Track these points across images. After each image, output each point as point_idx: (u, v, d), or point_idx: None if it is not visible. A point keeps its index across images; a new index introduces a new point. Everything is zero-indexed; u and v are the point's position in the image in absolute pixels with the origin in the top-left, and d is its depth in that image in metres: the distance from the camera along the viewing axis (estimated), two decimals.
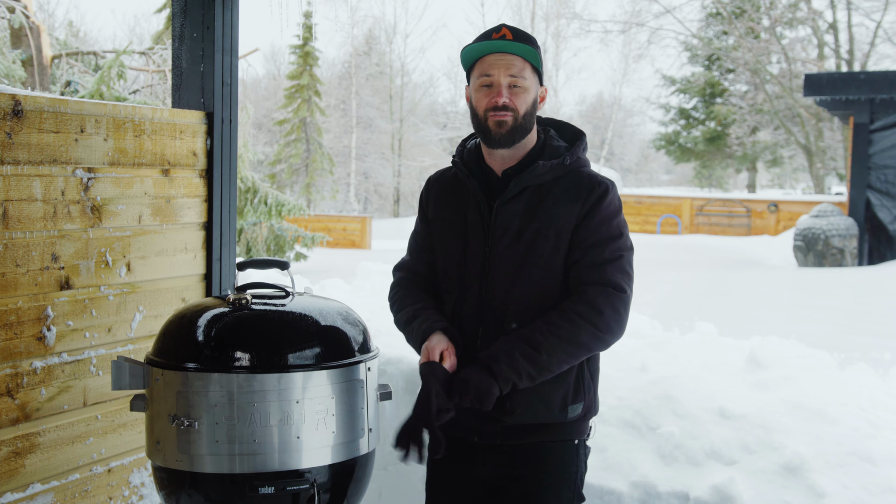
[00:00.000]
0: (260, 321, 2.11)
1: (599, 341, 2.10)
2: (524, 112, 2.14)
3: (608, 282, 2.11)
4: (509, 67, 2.11)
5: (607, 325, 2.08)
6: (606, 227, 2.14)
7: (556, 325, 2.07)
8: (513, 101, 2.12)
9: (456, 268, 2.23)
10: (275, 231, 15.45)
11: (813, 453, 3.09)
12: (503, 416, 2.15)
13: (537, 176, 2.16)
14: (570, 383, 2.16)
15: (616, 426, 3.37)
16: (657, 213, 26.28)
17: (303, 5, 25.60)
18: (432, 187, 2.36)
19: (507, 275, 2.16)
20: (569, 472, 2.21)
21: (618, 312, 2.10)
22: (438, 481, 2.34)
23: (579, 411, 2.19)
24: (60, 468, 2.74)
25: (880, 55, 28.82)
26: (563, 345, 2.06)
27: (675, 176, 51.27)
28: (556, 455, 2.20)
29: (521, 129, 2.15)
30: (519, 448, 2.20)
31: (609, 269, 2.11)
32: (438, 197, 2.32)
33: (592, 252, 2.12)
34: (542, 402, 2.14)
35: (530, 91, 2.15)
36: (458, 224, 2.24)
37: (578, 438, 2.23)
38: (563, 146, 2.24)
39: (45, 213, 2.63)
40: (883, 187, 15.31)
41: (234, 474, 2.01)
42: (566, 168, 2.19)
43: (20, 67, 12.18)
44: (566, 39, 38.65)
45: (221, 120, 3.24)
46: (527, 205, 2.17)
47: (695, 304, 10.05)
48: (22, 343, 2.59)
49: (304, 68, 28.98)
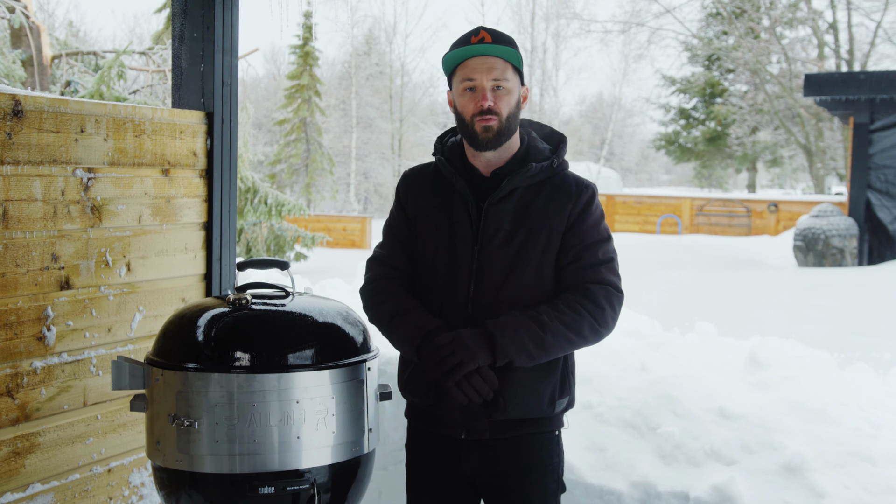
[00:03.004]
0: (260, 321, 2.11)
1: (596, 336, 2.14)
2: (508, 114, 2.15)
3: (608, 281, 2.17)
4: (491, 70, 2.13)
5: (605, 322, 2.14)
6: (597, 231, 2.20)
7: (561, 311, 2.09)
8: (497, 105, 2.14)
9: (443, 267, 2.21)
10: (275, 231, 15.45)
11: (813, 453, 3.09)
12: (494, 412, 2.15)
13: (529, 177, 2.18)
14: (557, 378, 2.19)
15: (616, 426, 3.37)
16: (657, 213, 26.28)
17: (303, 5, 25.62)
18: (411, 183, 2.32)
19: (498, 275, 2.16)
20: (552, 462, 2.25)
21: (615, 311, 2.16)
22: (420, 480, 2.33)
23: (564, 405, 2.24)
24: (60, 468, 2.74)
25: (880, 55, 28.85)
26: (567, 331, 2.09)
27: (675, 176, 51.29)
28: (540, 447, 2.23)
29: (507, 131, 2.17)
30: (504, 442, 2.20)
31: (605, 271, 2.17)
32: (419, 194, 2.29)
33: (587, 254, 2.17)
34: (533, 397, 2.16)
35: (513, 92, 2.16)
36: (443, 223, 2.23)
37: (558, 429, 2.28)
38: (546, 148, 2.27)
39: (45, 213, 2.63)
40: (883, 187, 15.31)
41: (234, 474, 2.01)
42: (553, 170, 2.22)
43: (20, 67, 12.18)
44: (566, 39, 38.66)
45: (221, 120, 3.24)
46: (517, 205, 2.18)
47: (695, 304, 10.05)
48: (22, 343, 2.59)
49: (304, 68, 28.97)
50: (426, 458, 2.31)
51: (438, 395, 2.21)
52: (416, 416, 2.34)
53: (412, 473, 2.36)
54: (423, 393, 2.24)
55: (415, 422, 2.35)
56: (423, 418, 2.31)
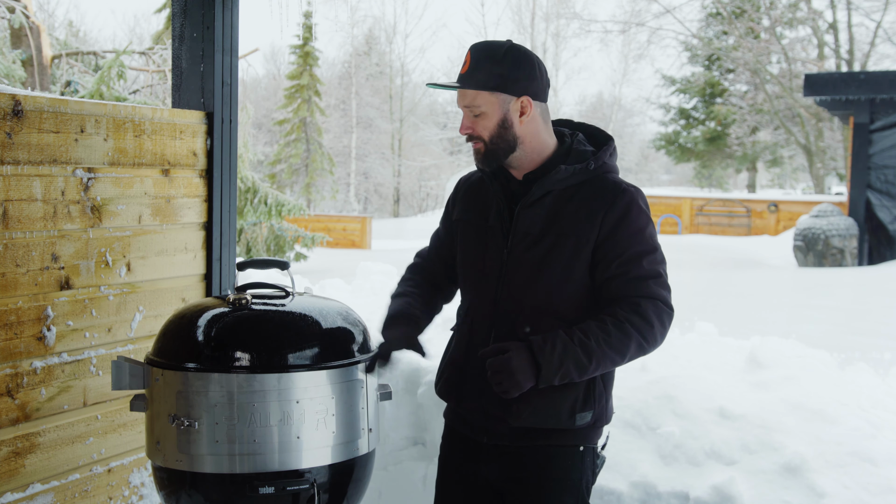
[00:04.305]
0: (260, 321, 2.11)
1: (641, 352, 2.11)
2: (490, 136, 2.16)
3: (658, 296, 2.11)
4: (463, 98, 2.18)
5: (654, 339, 2.10)
6: (640, 239, 2.13)
7: (609, 333, 2.06)
8: (476, 129, 2.17)
9: (474, 269, 2.25)
10: (275, 231, 15.44)
11: (813, 453, 3.09)
12: (508, 418, 2.15)
13: (559, 180, 2.15)
14: (580, 391, 2.15)
15: (616, 426, 3.37)
16: (657, 213, 26.26)
17: (303, 5, 25.59)
18: (461, 189, 2.39)
19: (524, 278, 2.16)
20: (572, 478, 2.20)
21: (664, 328, 2.12)
22: (447, 479, 2.35)
23: (588, 419, 2.17)
24: (60, 468, 2.74)
25: (880, 55, 28.83)
26: (612, 354, 2.06)
27: (675, 176, 51.26)
28: (561, 460, 2.19)
29: (496, 152, 2.17)
30: (526, 450, 2.19)
31: (654, 284, 2.11)
32: (466, 198, 2.35)
33: (633, 267, 2.11)
34: (550, 407, 2.13)
35: (490, 115, 2.15)
36: (479, 227, 2.26)
37: (585, 445, 2.21)
38: (589, 150, 2.23)
39: (45, 213, 2.63)
40: (883, 187, 15.31)
41: (234, 474, 2.01)
42: (590, 173, 2.17)
43: (20, 67, 12.18)
44: (566, 39, 38.70)
45: (221, 120, 3.24)
46: (549, 209, 2.16)
47: (695, 304, 10.04)
48: (22, 343, 2.59)
49: (304, 68, 28.97)
50: (454, 458, 2.34)
51: (461, 397, 2.25)
52: (449, 415, 2.39)
53: (441, 470, 2.39)
54: (449, 393, 2.30)
55: (448, 420, 2.40)
56: (454, 417, 2.36)
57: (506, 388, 2.03)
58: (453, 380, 2.28)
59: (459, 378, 2.25)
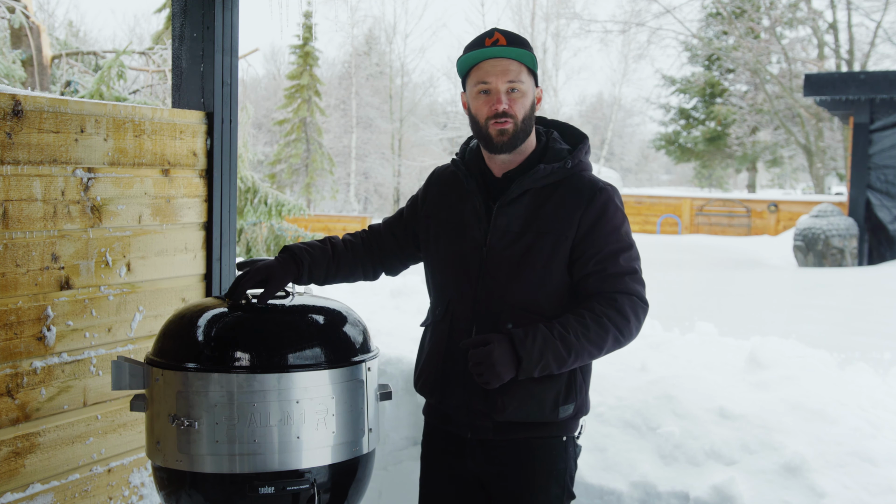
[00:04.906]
0: (260, 321, 2.11)
1: (617, 345, 2.14)
2: (523, 117, 2.15)
3: (633, 291, 2.15)
4: (506, 73, 2.12)
5: (629, 332, 2.14)
6: (616, 237, 2.16)
7: (587, 327, 2.09)
8: (512, 108, 2.13)
9: (452, 266, 2.24)
10: (275, 231, 15.43)
11: (813, 453, 3.09)
12: (493, 413, 2.17)
13: (538, 179, 2.17)
14: (562, 384, 2.18)
15: (616, 426, 3.37)
16: (657, 213, 26.27)
17: (303, 5, 25.60)
18: (433, 184, 2.37)
19: (504, 276, 2.17)
20: (557, 469, 2.24)
21: (640, 322, 2.16)
22: (431, 475, 2.36)
23: (570, 411, 2.21)
24: (60, 468, 2.74)
25: (880, 55, 28.82)
26: (590, 347, 2.09)
27: (675, 176, 51.26)
28: (545, 452, 2.22)
29: (522, 133, 2.16)
30: (511, 443, 2.21)
31: (630, 280, 2.15)
32: (439, 192, 2.34)
33: (610, 264, 2.14)
34: (534, 401, 2.16)
35: (528, 95, 2.15)
36: (454, 223, 2.26)
37: (567, 435, 2.25)
38: (565, 149, 2.24)
39: (45, 213, 2.63)
40: (883, 187, 15.30)
41: (234, 474, 2.01)
42: (568, 171, 2.19)
43: (20, 67, 12.17)
44: (566, 39, 38.66)
45: (221, 120, 3.24)
46: (527, 207, 2.17)
47: (695, 304, 10.05)
48: (22, 343, 2.59)
49: (304, 68, 28.97)
50: (437, 454, 2.34)
51: (443, 394, 2.25)
52: (429, 413, 2.39)
53: (424, 468, 2.39)
54: (431, 390, 2.29)
55: (428, 417, 2.39)
56: (435, 414, 2.35)
57: (487, 378, 2.04)
58: (434, 376, 2.28)
59: (440, 375, 2.26)
